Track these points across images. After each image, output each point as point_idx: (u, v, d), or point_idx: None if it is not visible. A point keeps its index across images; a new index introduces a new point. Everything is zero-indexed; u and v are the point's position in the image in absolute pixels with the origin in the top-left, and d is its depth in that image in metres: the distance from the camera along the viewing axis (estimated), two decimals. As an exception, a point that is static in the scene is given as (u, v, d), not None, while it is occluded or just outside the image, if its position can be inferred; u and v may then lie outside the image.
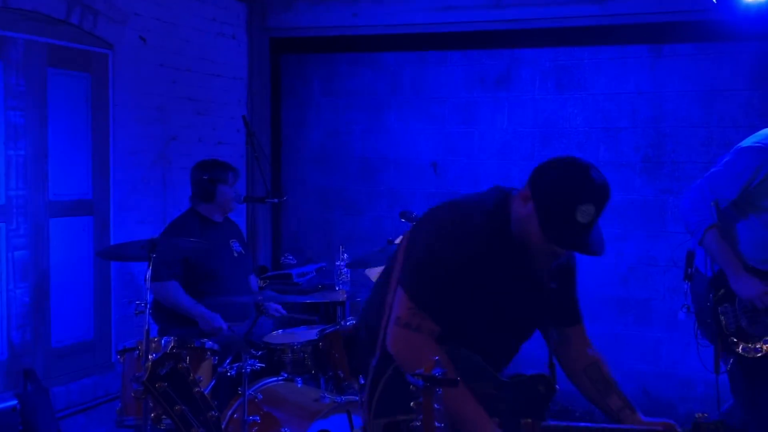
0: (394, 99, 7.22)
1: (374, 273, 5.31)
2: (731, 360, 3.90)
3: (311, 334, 4.58)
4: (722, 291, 3.94)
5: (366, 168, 7.35)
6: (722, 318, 3.91)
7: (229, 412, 4.31)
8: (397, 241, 5.21)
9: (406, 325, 2.68)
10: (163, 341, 4.22)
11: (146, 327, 4.08)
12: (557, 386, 2.78)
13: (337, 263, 5.28)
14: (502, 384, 2.75)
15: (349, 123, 7.40)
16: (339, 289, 5.20)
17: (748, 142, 3.99)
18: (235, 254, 5.25)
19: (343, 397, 4.27)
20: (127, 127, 5.97)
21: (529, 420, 2.68)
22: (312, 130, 7.55)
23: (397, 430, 2.60)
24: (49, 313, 5.45)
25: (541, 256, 2.69)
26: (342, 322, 4.36)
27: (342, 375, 4.19)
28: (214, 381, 4.34)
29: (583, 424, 2.71)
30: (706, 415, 2.67)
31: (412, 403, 2.23)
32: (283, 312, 5.36)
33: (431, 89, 7.07)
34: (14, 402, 4.79)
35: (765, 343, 3.87)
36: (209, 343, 4.35)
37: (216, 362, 4.38)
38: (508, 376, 2.82)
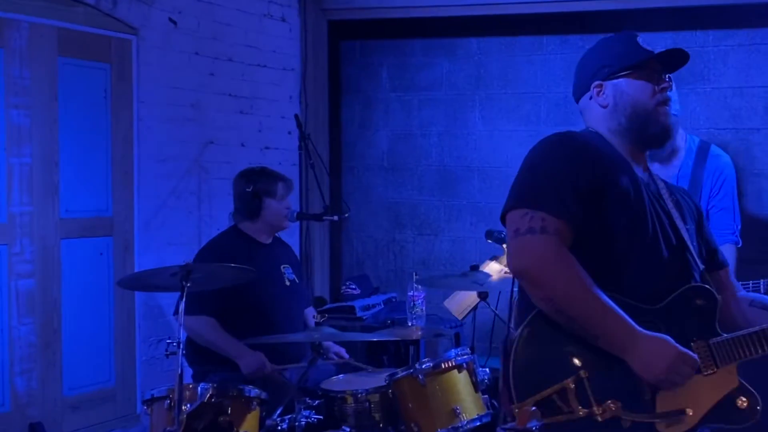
0: (478, 94, 7.21)
1: (455, 305, 5.40)
2: None
3: (379, 379, 4.50)
4: None
5: (444, 178, 7.33)
6: None
7: (280, 475, 4.30)
8: (486, 267, 5.13)
9: (528, 230, 2.68)
10: (199, 388, 4.16)
11: (179, 371, 3.98)
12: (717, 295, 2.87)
13: (410, 293, 5.30)
14: (653, 312, 2.77)
15: (424, 124, 7.39)
16: (412, 324, 5.22)
17: None
18: (287, 283, 5.24)
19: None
20: (155, 128, 5.99)
21: (700, 341, 2.79)
22: (379, 133, 7.57)
23: (552, 405, 2.63)
24: (60, 355, 5.46)
25: (652, 114, 2.92)
26: (416, 365, 4.24)
27: (417, 429, 4.16)
28: (261, 437, 4.31)
29: (752, 330, 2.82)
30: None
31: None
32: (346, 356, 5.35)
33: (523, 82, 7.06)
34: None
35: None
36: (255, 391, 4.27)
37: (264, 414, 4.33)
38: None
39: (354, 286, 6.88)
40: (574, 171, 2.75)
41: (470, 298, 5.33)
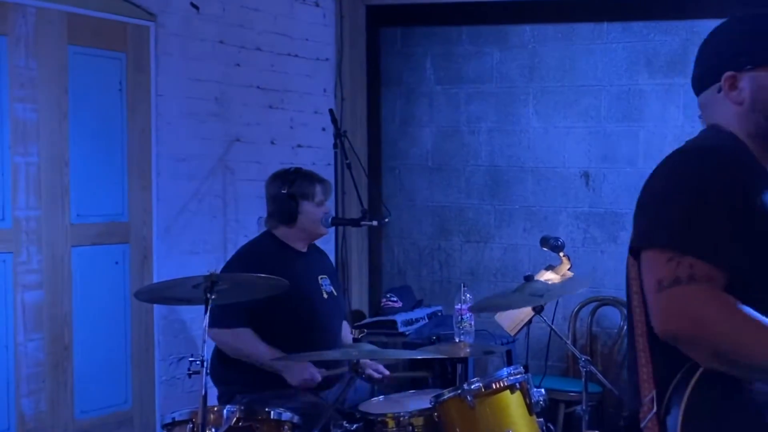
0: (532, 87, 7.22)
1: (507, 319, 5.46)
2: None
3: (423, 401, 4.48)
4: None
5: (495, 180, 7.34)
6: None
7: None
8: (541, 277, 5.09)
9: (674, 281, 2.43)
10: (225, 411, 4.15)
11: (202, 391, 4.00)
12: None
13: (457, 306, 5.30)
14: None
15: (472, 119, 7.39)
16: (460, 340, 5.19)
17: None
18: (325, 295, 5.24)
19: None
20: (175, 124, 6.02)
21: None
22: (423, 130, 7.58)
23: None
24: (71, 375, 5.46)
25: None
26: (464, 385, 4.21)
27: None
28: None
29: None
30: None
31: None
32: (386, 372, 5.30)
33: (581, 74, 7.05)
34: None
35: None
36: (287, 414, 4.27)
37: (298, 438, 4.39)
38: None
39: (395, 299, 6.85)
40: (730, 202, 2.52)
41: (524, 311, 5.42)
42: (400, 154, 7.61)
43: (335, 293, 5.32)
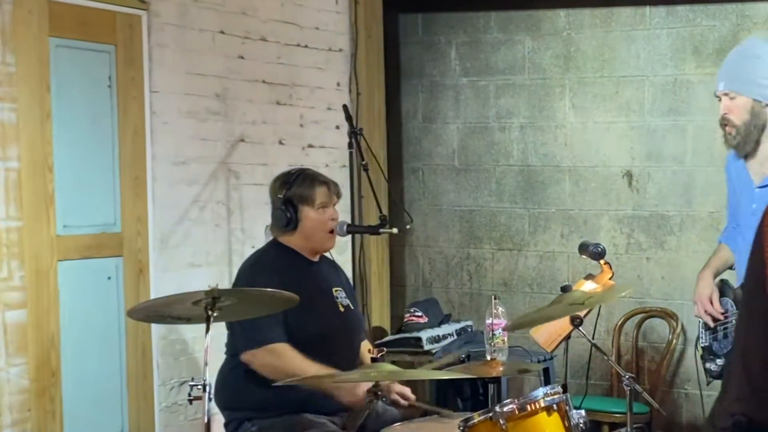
0: (568, 79, 7.26)
1: (543, 334, 5.33)
2: None
3: (452, 426, 4.39)
4: None
5: (529, 181, 7.41)
6: None
7: None
8: (580, 287, 5.26)
9: None
10: None
11: (204, 419, 4.04)
12: None
13: (488, 321, 5.15)
14: None
15: (503, 115, 7.45)
16: (492, 358, 5.07)
17: None
18: (342, 308, 5.22)
19: None
20: (171, 124, 6.02)
21: None
22: (448, 127, 7.64)
23: None
24: (59, 403, 5.39)
25: None
26: (496, 408, 4.12)
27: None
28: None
29: None
30: None
31: None
32: (411, 397, 5.21)
33: (622, 64, 7.09)
34: None
35: None
36: None
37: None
38: None
39: (420, 313, 6.86)
40: None
41: (561, 325, 5.28)
42: (422, 154, 7.67)
43: (352, 307, 5.31)
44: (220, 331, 4.85)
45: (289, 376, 4.73)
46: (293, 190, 5.07)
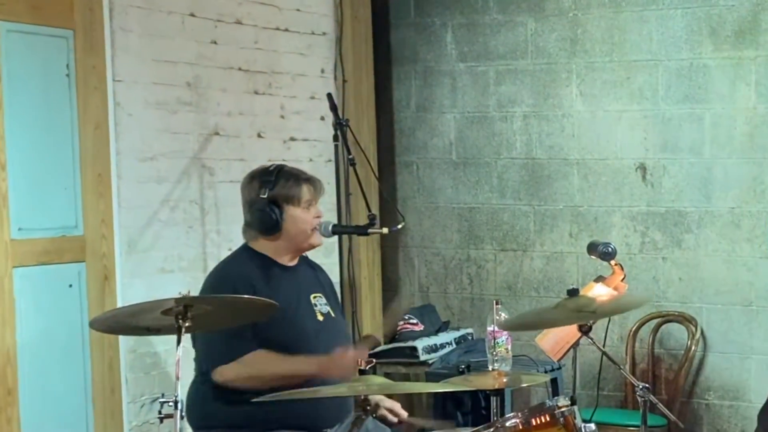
0: (575, 64, 7.28)
1: (550, 342, 5.36)
2: None
3: None
4: None
5: (533, 175, 7.44)
6: None
7: None
8: (589, 291, 5.27)
9: None
10: None
11: None
12: None
13: (490, 328, 5.14)
14: None
15: (504, 103, 7.48)
16: (493, 369, 5.05)
17: None
18: (320, 317, 5.19)
19: None
20: (138, 116, 6.01)
21: None
22: (444, 117, 7.66)
23: None
24: (17, 424, 5.38)
25: None
26: (499, 422, 4.23)
27: None
28: None
29: None
30: None
31: None
32: (403, 414, 5.21)
33: (633, 47, 7.11)
34: None
35: None
36: None
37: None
38: None
39: (416, 320, 6.93)
40: None
41: (568, 332, 5.24)
42: (416, 147, 7.70)
43: (333, 314, 5.27)
44: (194, 342, 4.92)
45: (272, 382, 4.74)
46: (277, 190, 5.06)
